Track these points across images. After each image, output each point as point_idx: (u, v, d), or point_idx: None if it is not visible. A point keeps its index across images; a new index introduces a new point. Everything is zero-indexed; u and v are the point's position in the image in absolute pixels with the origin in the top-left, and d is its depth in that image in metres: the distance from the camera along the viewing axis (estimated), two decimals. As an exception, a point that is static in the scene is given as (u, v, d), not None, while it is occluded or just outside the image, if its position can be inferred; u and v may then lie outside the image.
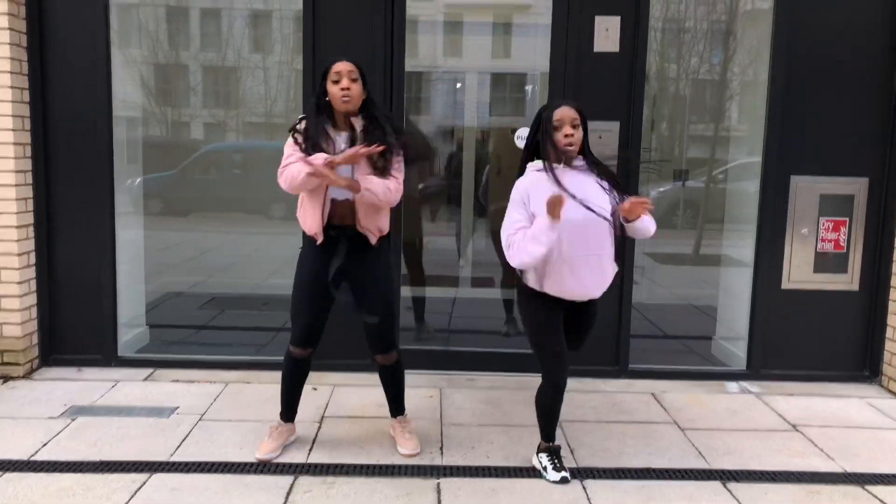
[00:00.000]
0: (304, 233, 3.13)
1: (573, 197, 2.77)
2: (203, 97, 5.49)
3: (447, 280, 5.36)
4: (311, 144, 2.90)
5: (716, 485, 3.04)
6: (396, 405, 3.36)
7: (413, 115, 4.94)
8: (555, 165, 2.85)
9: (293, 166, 2.86)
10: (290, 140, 2.98)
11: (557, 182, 2.81)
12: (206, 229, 5.60)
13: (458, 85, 5.21)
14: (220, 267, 5.70)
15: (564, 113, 2.84)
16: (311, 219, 3.02)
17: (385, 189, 2.93)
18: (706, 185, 5.25)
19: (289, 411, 3.29)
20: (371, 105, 3.02)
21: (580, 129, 2.86)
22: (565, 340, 3.01)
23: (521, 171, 2.98)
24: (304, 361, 3.20)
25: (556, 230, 2.71)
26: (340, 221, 3.02)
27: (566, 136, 2.82)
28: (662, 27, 4.72)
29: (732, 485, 3.04)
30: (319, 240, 3.03)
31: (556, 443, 3.11)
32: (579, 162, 2.92)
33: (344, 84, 2.91)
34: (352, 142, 2.95)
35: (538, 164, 2.89)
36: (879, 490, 3.02)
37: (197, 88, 5.41)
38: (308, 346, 3.16)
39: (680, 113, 5.24)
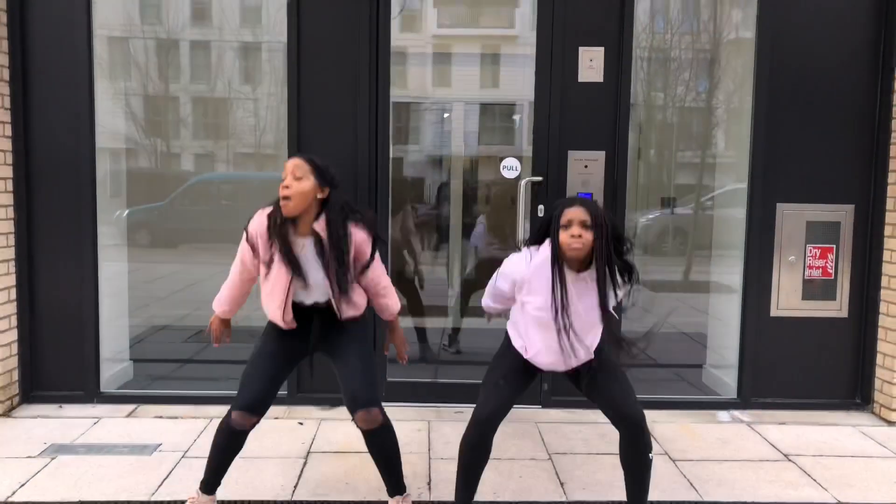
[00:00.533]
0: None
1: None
2: (192, 128, 5.48)
3: (436, 310, 5.32)
4: (281, 247, 2.68)
5: (709, 518, 3.00)
6: (393, 480, 2.88)
7: (401, 145, 4.94)
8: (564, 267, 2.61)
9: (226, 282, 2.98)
10: (243, 238, 2.81)
11: (561, 284, 2.60)
12: (195, 261, 5.51)
13: (446, 115, 5.23)
14: (207, 299, 5.62)
15: (574, 214, 2.56)
16: (271, 310, 2.80)
17: (394, 297, 2.99)
18: (694, 212, 5.26)
19: (213, 482, 2.89)
20: (329, 205, 2.71)
21: (590, 231, 2.56)
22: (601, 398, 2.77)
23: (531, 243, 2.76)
24: (244, 433, 2.79)
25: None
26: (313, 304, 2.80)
27: (573, 236, 2.55)
28: (648, 56, 4.75)
29: (725, 518, 3.00)
30: (284, 328, 2.81)
31: None
32: (588, 273, 2.64)
33: (286, 182, 2.63)
34: (319, 246, 2.69)
35: (547, 250, 2.63)
36: (874, 522, 2.98)
37: (186, 120, 5.41)
38: (256, 414, 2.76)
39: (667, 141, 5.26)
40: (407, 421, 3.97)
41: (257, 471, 3.36)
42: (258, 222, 2.75)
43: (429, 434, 3.87)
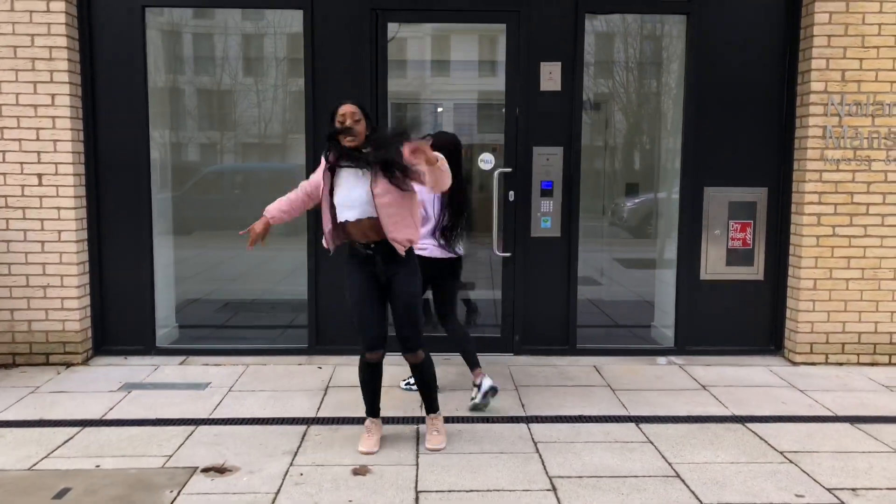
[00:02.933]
0: (347, 248, 3.58)
1: None
2: (200, 121, 6.19)
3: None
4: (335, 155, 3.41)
5: (630, 425, 3.98)
6: (427, 403, 3.73)
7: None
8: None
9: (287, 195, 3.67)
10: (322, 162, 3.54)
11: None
12: (213, 246, 6.33)
13: (440, 109, 6.16)
14: (229, 278, 6.52)
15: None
16: (325, 232, 3.54)
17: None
18: (667, 197, 6.09)
19: (374, 408, 3.71)
20: (374, 136, 3.41)
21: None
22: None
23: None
24: (379, 364, 3.60)
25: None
26: (365, 238, 3.45)
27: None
28: (604, 67, 5.68)
29: (643, 424, 3.98)
30: (331, 251, 3.56)
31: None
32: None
33: (348, 124, 3.36)
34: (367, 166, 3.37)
35: None
36: (754, 425, 3.97)
37: (195, 112, 6.12)
38: (379, 349, 3.54)
39: (629, 136, 6.17)
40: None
41: (288, 398, 4.35)
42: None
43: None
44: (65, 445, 3.64)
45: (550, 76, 5.12)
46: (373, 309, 3.54)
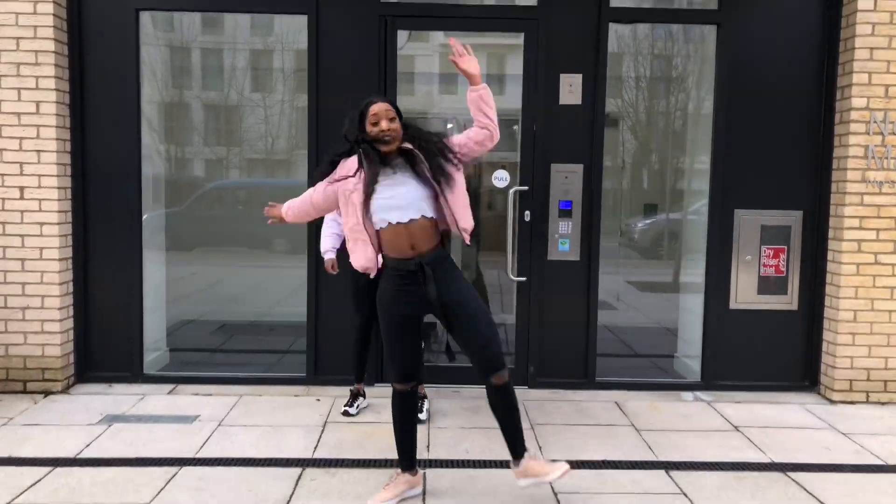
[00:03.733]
0: (382, 269, 3.13)
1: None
2: (205, 135, 5.94)
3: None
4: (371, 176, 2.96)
5: (660, 472, 3.59)
6: (515, 443, 3.08)
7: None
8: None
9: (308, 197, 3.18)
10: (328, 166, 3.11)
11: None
12: (212, 263, 5.98)
13: (450, 125, 5.82)
14: (227, 297, 6.21)
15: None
16: (361, 255, 3.04)
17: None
18: (682, 218, 5.78)
19: (406, 456, 3.19)
20: (410, 131, 3.05)
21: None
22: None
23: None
24: (411, 393, 3.16)
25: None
26: (410, 251, 2.98)
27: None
28: (625, 80, 5.34)
29: (674, 472, 3.59)
30: (373, 274, 3.08)
31: None
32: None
33: (384, 126, 2.95)
34: (412, 161, 3.00)
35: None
36: (798, 475, 3.57)
37: (200, 126, 5.86)
38: (411, 380, 3.14)
39: (647, 153, 5.83)
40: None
41: (282, 435, 3.98)
42: (348, 167, 3.06)
43: (429, 408, 4.46)
44: (32, 489, 3.27)
45: (570, 89, 4.78)
46: (414, 340, 3.15)
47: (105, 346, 4.84)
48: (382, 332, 3.14)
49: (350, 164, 3.07)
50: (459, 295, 3.01)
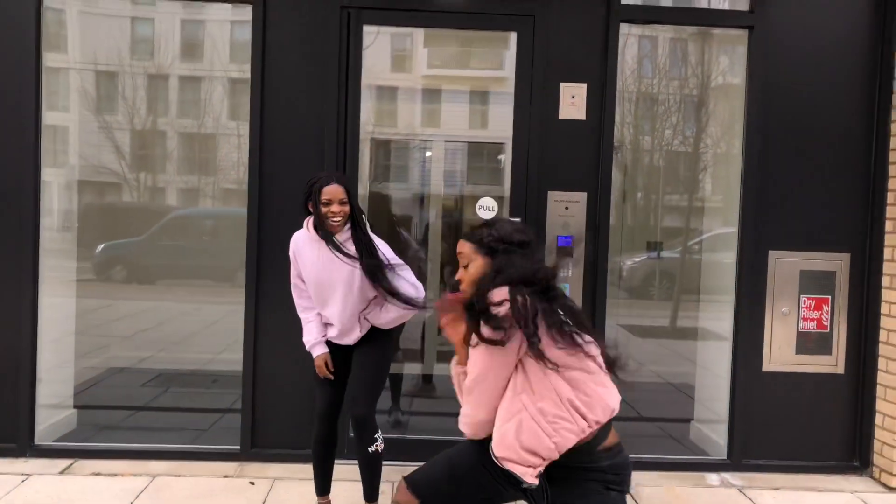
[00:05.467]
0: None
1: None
2: (175, 163, 5.22)
3: (412, 354, 5.02)
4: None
5: None
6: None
7: (382, 182, 4.66)
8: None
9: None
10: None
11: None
12: (170, 297, 5.24)
13: (428, 154, 4.97)
14: (174, 339, 5.33)
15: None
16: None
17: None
18: (682, 256, 5.01)
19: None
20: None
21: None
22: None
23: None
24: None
25: None
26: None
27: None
28: (635, 98, 4.54)
29: None
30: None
31: None
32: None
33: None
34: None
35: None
36: None
37: (171, 154, 5.15)
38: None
39: (654, 184, 5.04)
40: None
41: (196, 541, 3.02)
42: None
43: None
44: None
45: (573, 101, 3.93)
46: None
47: (-16, 408, 3.85)
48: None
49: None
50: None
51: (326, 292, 3.02)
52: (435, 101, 4.66)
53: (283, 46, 3.90)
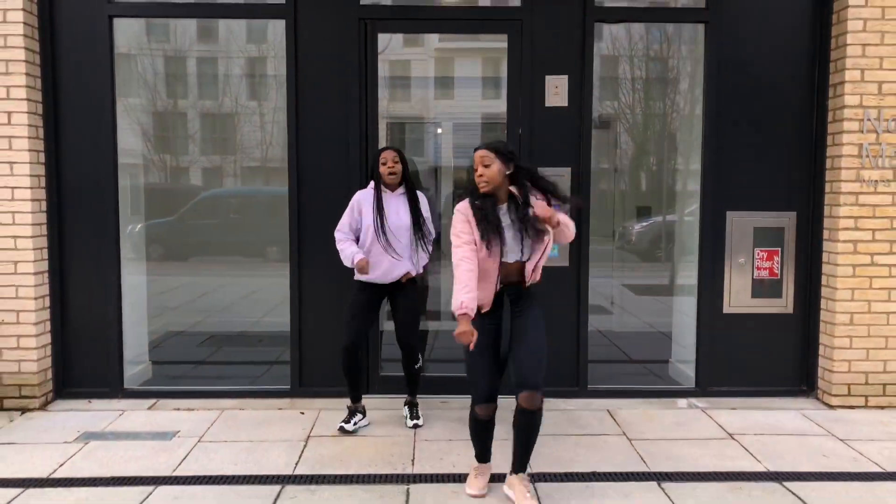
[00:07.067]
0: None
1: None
2: (201, 144, 5.86)
3: (428, 314, 5.77)
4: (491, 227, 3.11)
5: (652, 484, 3.47)
6: (523, 460, 3.31)
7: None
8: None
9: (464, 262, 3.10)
10: (460, 218, 3.14)
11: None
12: (205, 273, 5.93)
13: (439, 131, 5.70)
14: (217, 308, 6.11)
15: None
16: (481, 292, 3.15)
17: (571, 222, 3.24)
18: (679, 220, 5.67)
19: (485, 454, 3.43)
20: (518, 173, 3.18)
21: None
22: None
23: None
24: (492, 419, 3.33)
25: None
26: (506, 281, 3.21)
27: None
28: (612, 82, 5.23)
29: (666, 483, 3.47)
30: (486, 309, 3.21)
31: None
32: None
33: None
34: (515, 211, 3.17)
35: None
36: (794, 485, 3.45)
37: (195, 135, 5.79)
38: (492, 402, 3.27)
39: (640, 155, 5.71)
40: (396, 410, 4.46)
41: (263, 451, 3.86)
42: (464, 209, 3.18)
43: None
44: (-1, 513, 3.15)
45: (556, 91, 4.67)
46: (494, 361, 3.26)
47: (84, 361, 4.72)
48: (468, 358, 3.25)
49: (465, 218, 3.15)
50: (528, 322, 3.25)
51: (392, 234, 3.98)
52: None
53: (312, 53, 4.65)
